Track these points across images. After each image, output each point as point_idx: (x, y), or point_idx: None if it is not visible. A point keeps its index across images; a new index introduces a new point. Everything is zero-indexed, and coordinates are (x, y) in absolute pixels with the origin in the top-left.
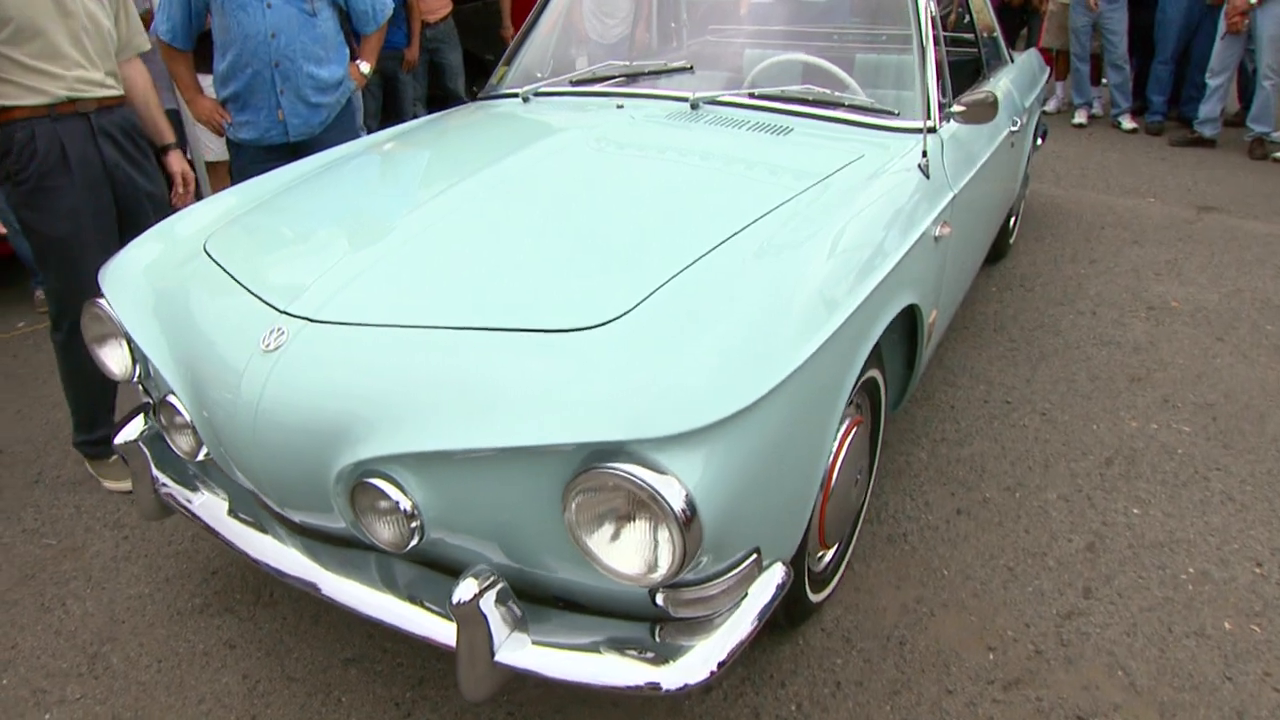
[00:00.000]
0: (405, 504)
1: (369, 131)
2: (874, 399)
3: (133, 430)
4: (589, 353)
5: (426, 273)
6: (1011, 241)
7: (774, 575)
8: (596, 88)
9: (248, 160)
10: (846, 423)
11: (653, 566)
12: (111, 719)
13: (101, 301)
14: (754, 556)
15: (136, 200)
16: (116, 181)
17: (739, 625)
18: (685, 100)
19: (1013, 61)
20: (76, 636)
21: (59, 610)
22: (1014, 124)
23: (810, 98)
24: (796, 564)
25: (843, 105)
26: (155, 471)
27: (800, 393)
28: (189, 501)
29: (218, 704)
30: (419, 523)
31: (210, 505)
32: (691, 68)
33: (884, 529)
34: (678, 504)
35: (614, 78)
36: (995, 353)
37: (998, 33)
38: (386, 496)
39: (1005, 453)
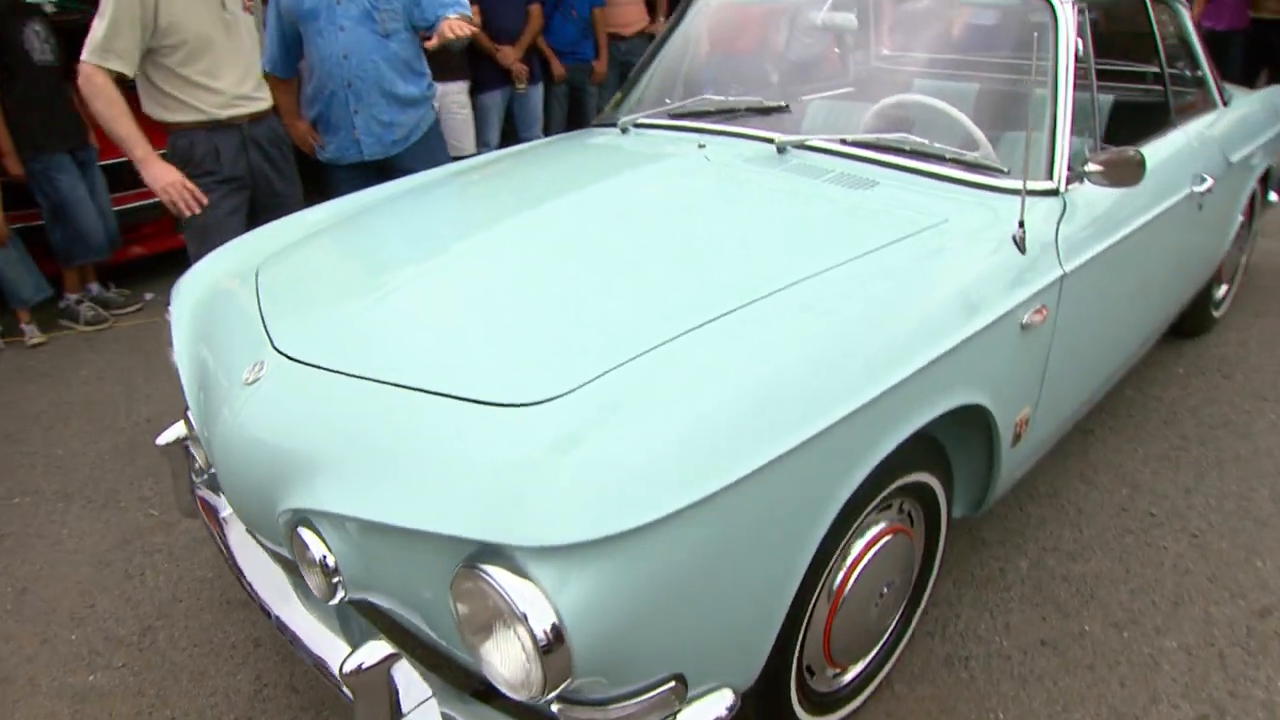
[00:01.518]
0: (329, 559)
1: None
2: (932, 503)
3: (175, 432)
4: (509, 434)
5: (414, 320)
6: (1219, 315)
7: (713, 704)
8: (698, 123)
9: (336, 180)
10: (876, 529)
11: (524, 682)
12: (138, 693)
13: (170, 309)
14: (672, 684)
15: (270, 199)
16: (257, 184)
17: None
18: (771, 142)
19: (1225, 104)
20: (141, 607)
21: (137, 579)
22: (1200, 182)
23: (907, 148)
24: (776, 686)
25: (944, 159)
26: (193, 474)
27: (745, 509)
28: (219, 508)
29: (224, 699)
30: (340, 579)
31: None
32: (787, 106)
33: (944, 647)
34: (540, 624)
35: (710, 113)
36: (1156, 451)
37: (1204, 69)
38: (308, 547)
39: (1128, 578)
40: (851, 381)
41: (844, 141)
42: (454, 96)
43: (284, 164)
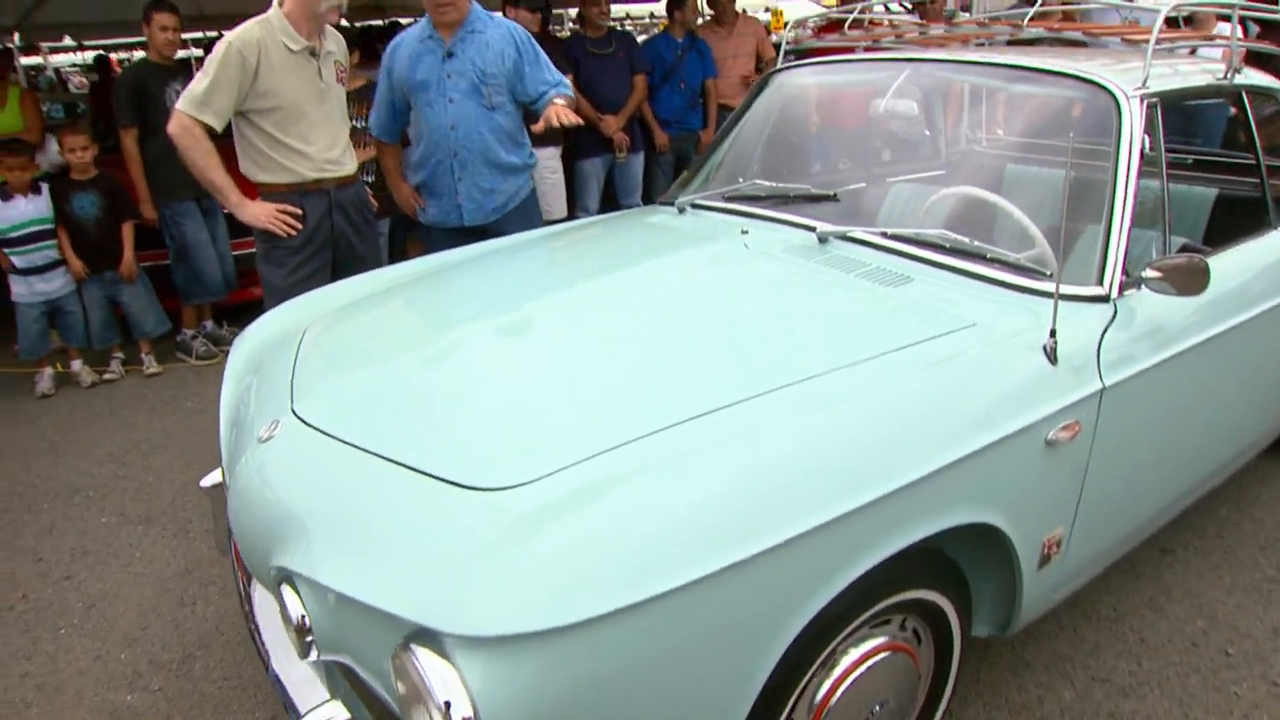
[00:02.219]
0: (305, 619)
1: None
2: (942, 623)
3: (217, 475)
4: (472, 517)
5: (425, 392)
6: None
7: None
8: (751, 207)
9: (435, 241)
10: (871, 644)
11: None
12: (166, 718)
13: (229, 358)
14: None
15: (350, 261)
16: (338, 247)
17: None
18: (813, 230)
19: None
20: (187, 635)
21: (190, 607)
22: None
23: (947, 244)
24: None
25: (983, 258)
26: None
27: (696, 615)
28: None
29: None
30: (313, 639)
31: None
32: (835, 195)
33: None
34: (457, 711)
35: (763, 198)
36: (1245, 581)
37: None
38: (287, 605)
39: None
40: (831, 490)
41: (885, 235)
42: (545, 162)
43: (365, 228)
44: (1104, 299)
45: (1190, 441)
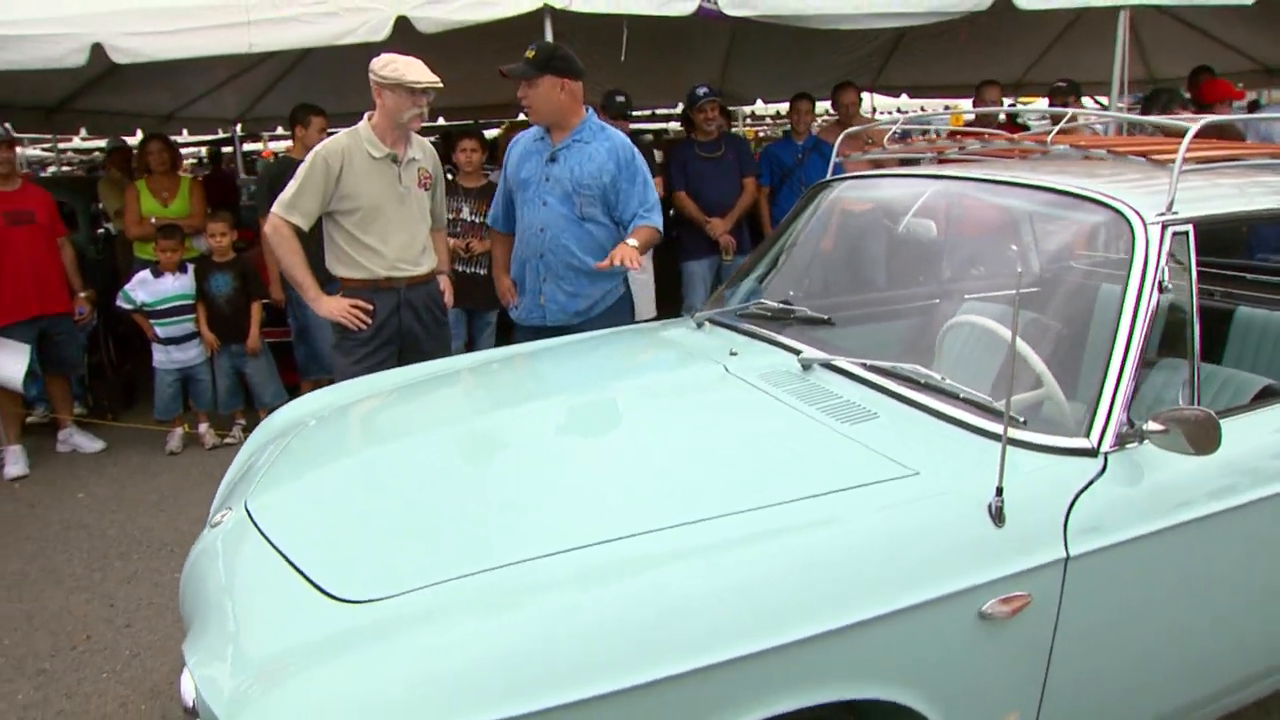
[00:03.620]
0: (194, 706)
1: None
2: None
3: None
4: (312, 625)
5: (356, 495)
6: None
7: None
8: (761, 327)
9: (520, 336)
10: None
11: None
12: None
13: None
14: None
15: (415, 356)
16: (405, 342)
17: None
18: (798, 355)
19: None
20: None
21: None
22: None
23: (921, 380)
24: None
25: (956, 398)
26: None
27: None
28: None
29: None
30: None
31: None
32: (830, 319)
33: None
34: None
35: (770, 318)
36: None
37: None
38: (184, 691)
39: None
40: (683, 642)
41: (864, 366)
42: None
43: (434, 326)
44: (1091, 453)
45: (1214, 627)
